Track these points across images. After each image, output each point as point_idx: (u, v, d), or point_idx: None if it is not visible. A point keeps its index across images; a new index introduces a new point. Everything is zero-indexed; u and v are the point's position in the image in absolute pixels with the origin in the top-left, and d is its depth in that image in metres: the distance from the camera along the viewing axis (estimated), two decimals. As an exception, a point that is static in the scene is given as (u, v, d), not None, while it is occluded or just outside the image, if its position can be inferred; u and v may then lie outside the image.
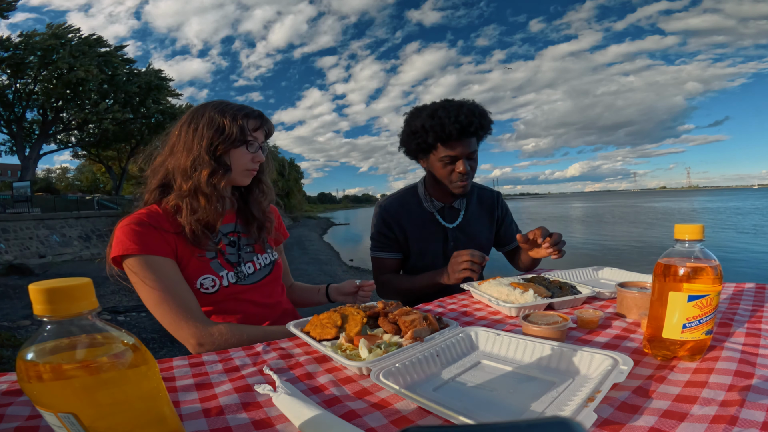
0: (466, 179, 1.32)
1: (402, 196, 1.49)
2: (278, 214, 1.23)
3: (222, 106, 0.96)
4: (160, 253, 0.87)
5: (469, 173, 1.31)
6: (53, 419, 0.35)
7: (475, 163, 1.34)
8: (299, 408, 0.49)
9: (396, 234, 1.43)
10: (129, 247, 0.84)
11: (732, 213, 25.34)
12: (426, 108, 1.30)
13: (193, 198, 0.92)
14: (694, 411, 0.47)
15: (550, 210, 45.71)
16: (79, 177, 40.41)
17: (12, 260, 9.48)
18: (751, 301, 0.90)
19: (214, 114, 0.94)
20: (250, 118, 0.97)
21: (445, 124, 1.23)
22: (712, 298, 0.60)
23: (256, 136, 0.99)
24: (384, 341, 0.69)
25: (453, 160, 1.29)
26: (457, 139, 1.26)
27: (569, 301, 0.95)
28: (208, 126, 0.93)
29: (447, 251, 1.45)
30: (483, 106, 1.31)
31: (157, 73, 22.28)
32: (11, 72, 18.12)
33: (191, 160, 0.92)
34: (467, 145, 1.28)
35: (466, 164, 1.29)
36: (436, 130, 1.25)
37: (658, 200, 65.20)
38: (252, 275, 1.03)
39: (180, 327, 0.85)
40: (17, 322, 4.75)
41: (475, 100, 1.33)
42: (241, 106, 0.97)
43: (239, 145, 0.95)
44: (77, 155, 26.60)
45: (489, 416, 0.49)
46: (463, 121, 1.23)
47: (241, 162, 0.97)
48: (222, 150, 0.93)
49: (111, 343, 0.37)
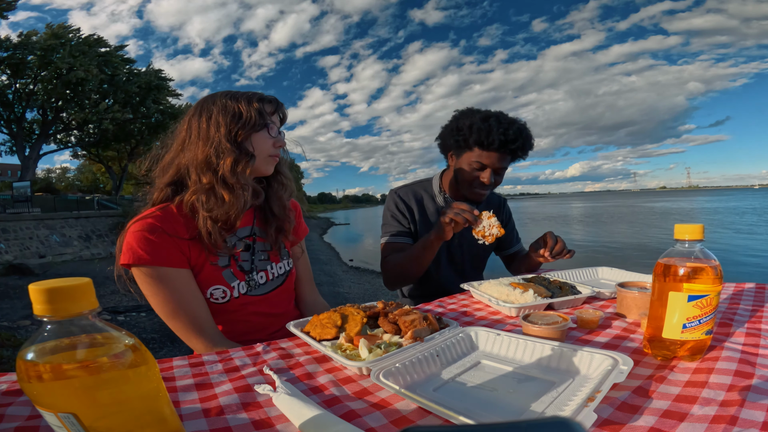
0: (487, 189, 1.35)
1: (415, 186, 1.50)
2: (299, 209, 1.17)
3: (233, 92, 0.91)
4: (173, 264, 0.83)
5: (492, 185, 1.34)
6: (53, 419, 0.35)
7: (500, 179, 1.36)
8: (299, 408, 0.49)
9: (408, 220, 1.45)
10: (141, 257, 0.80)
11: (729, 213, 25.40)
12: (480, 112, 1.34)
13: (213, 192, 0.85)
14: (694, 411, 0.47)
15: (549, 210, 45.71)
16: (79, 177, 40.42)
17: (12, 260, 9.48)
18: (751, 301, 0.90)
19: (226, 101, 0.88)
20: (265, 102, 0.92)
21: (493, 131, 1.26)
22: (712, 298, 0.60)
23: (274, 120, 0.94)
24: (384, 341, 0.69)
25: (483, 167, 1.32)
26: (495, 150, 1.28)
27: (569, 301, 0.95)
28: (224, 113, 0.87)
29: (451, 248, 1.47)
30: (530, 131, 1.34)
31: (157, 73, 22.28)
32: (11, 72, 18.12)
33: (211, 150, 0.85)
34: (501, 159, 1.31)
35: (492, 176, 1.32)
36: (481, 133, 1.27)
37: (657, 200, 65.25)
38: (263, 285, 0.98)
39: (190, 341, 0.85)
40: (17, 322, 4.75)
41: (526, 124, 1.35)
42: (252, 92, 0.93)
43: (260, 129, 0.89)
44: (77, 155, 26.60)
45: (489, 416, 0.49)
46: (510, 135, 1.26)
47: (264, 148, 0.91)
48: (243, 136, 0.87)
49: (111, 343, 0.37)
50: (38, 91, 19.06)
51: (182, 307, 0.83)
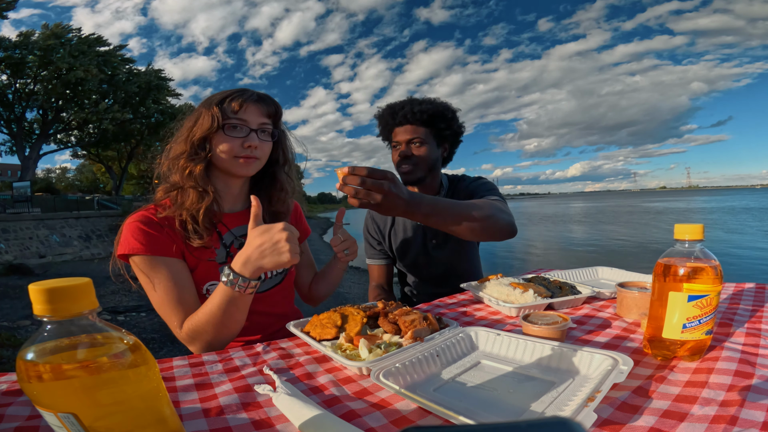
0: (407, 163, 1.33)
1: None
2: (300, 210, 1.17)
3: (211, 95, 0.92)
4: (166, 253, 0.85)
5: (408, 158, 1.33)
6: (53, 419, 0.35)
7: (422, 150, 1.33)
8: (299, 408, 0.49)
9: (379, 238, 1.48)
10: (134, 246, 0.83)
11: (725, 212, 25.48)
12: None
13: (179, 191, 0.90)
14: (694, 411, 0.47)
15: (547, 210, 45.68)
16: (79, 177, 40.43)
17: (12, 260, 9.47)
18: (751, 301, 0.90)
19: (201, 104, 0.91)
20: (233, 100, 0.88)
21: (384, 112, 1.35)
22: (712, 298, 0.60)
23: (244, 118, 0.89)
24: (384, 341, 0.69)
25: (397, 144, 1.36)
26: (395, 125, 1.34)
27: (569, 301, 0.95)
28: (190, 118, 0.91)
29: (429, 248, 1.43)
30: (439, 101, 1.36)
31: (157, 73, 22.29)
32: (11, 72, 18.13)
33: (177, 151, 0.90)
34: (406, 131, 1.33)
35: (405, 149, 1.33)
36: (381, 118, 1.36)
37: (656, 200, 65.28)
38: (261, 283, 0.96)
39: (176, 331, 0.85)
40: (17, 322, 4.75)
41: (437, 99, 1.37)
42: (231, 90, 0.92)
43: (215, 131, 0.88)
44: (77, 155, 26.60)
45: (489, 416, 0.49)
46: (396, 107, 1.33)
47: (226, 148, 0.89)
48: (198, 137, 0.88)
49: (111, 343, 0.37)
50: (38, 90, 19.06)
51: (170, 295, 0.84)
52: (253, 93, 0.93)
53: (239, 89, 0.92)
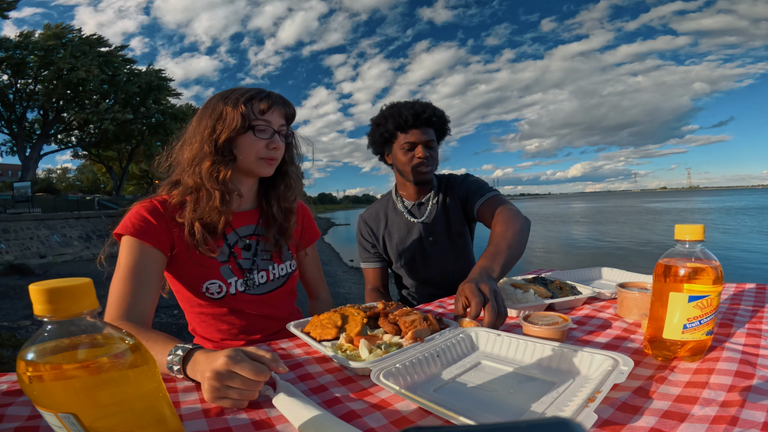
0: (428, 165, 1.35)
1: (377, 203, 1.55)
2: (309, 212, 1.16)
3: (229, 92, 0.89)
4: (154, 243, 0.83)
5: (428, 159, 1.35)
6: (53, 419, 0.35)
7: (435, 153, 1.38)
8: (299, 408, 0.49)
9: (373, 242, 1.49)
10: (128, 227, 0.82)
11: (722, 213, 25.51)
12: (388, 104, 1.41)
13: (196, 194, 0.87)
14: (695, 411, 0.47)
15: (548, 211, 45.68)
16: (79, 177, 40.44)
17: (12, 260, 9.48)
18: (751, 301, 0.90)
19: (218, 101, 0.87)
20: (255, 100, 0.88)
21: (403, 110, 1.33)
22: (713, 298, 0.59)
23: (269, 119, 0.89)
24: (384, 342, 0.69)
25: (412, 146, 1.35)
26: (413, 126, 1.34)
27: (569, 302, 0.95)
28: (211, 115, 0.87)
29: (425, 248, 1.43)
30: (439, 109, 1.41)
31: (158, 73, 22.31)
32: (12, 72, 18.15)
33: (196, 152, 0.86)
34: (424, 133, 1.35)
35: (425, 150, 1.34)
36: (394, 117, 1.34)
37: (656, 200, 65.29)
38: (263, 285, 0.97)
39: (108, 314, 0.78)
40: (17, 322, 4.75)
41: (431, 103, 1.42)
42: (249, 89, 0.90)
43: (244, 132, 0.87)
44: (78, 155, 26.63)
45: (489, 417, 0.49)
46: (419, 108, 1.33)
47: (251, 150, 0.88)
48: (224, 139, 0.85)
49: (111, 343, 0.37)
50: (39, 91, 19.09)
51: (127, 286, 0.79)
52: (276, 95, 0.93)
53: (256, 89, 0.91)
